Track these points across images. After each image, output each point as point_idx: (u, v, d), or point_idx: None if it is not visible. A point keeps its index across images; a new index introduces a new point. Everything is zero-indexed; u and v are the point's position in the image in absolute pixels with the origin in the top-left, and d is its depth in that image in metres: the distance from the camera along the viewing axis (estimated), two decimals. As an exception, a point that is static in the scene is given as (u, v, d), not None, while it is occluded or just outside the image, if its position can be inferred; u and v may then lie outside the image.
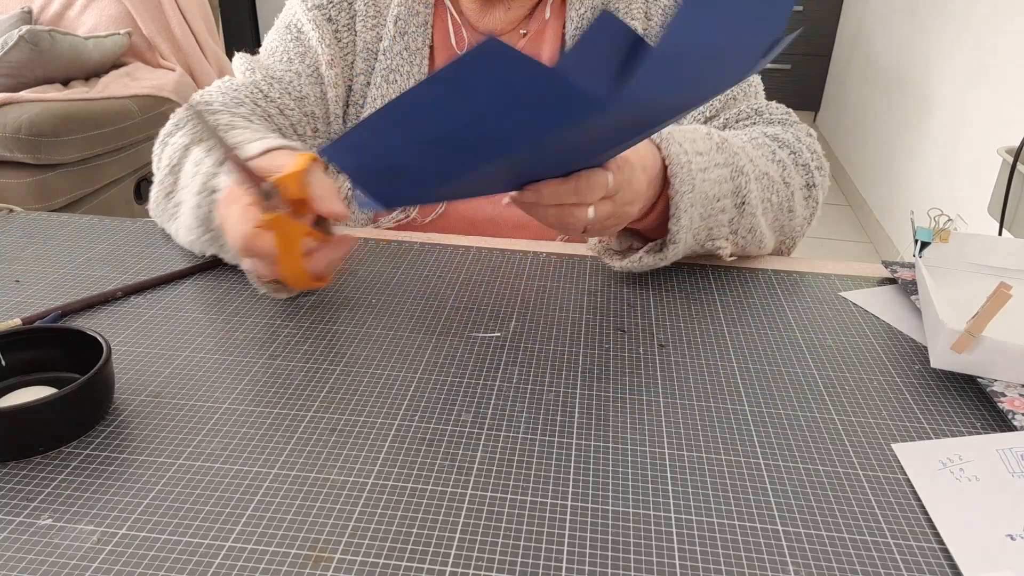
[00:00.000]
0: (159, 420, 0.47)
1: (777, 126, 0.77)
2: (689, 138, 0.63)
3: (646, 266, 0.64)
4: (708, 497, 0.42)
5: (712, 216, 0.63)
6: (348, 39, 0.80)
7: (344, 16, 0.80)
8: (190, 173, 0.64)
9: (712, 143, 0.64)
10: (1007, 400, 0.50)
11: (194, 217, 0.61)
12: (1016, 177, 1.17)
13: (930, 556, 0.39)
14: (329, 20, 0.79)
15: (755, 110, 0.78)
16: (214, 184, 0.60)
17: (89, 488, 0.42)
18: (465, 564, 0.37)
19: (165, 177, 0.68)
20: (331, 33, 0.79)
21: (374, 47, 0.80)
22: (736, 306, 0.63)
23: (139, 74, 2.21)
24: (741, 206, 0.64)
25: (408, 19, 0.79)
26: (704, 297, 0.64)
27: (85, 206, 1.95)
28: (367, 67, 0.81)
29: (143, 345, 0.55)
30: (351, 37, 0.80)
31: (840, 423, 0.49)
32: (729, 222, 0.65)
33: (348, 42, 0.80)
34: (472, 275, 0.67)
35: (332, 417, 0.48)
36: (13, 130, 1.75)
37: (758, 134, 0.73)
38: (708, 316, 0.61)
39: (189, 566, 0.37)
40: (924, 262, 0.66)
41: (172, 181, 0.67)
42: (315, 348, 0.55)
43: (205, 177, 0.61)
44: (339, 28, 0.80)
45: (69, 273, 0.65)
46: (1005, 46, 1.85)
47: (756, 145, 0.70)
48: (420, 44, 0.80)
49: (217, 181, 0.59)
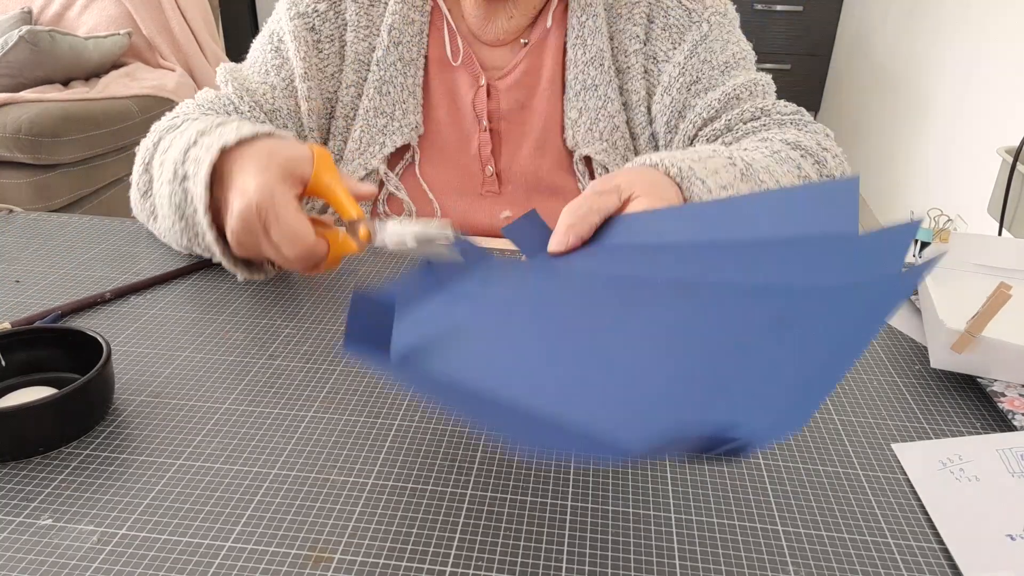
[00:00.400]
0: (159, 420, 0.47)
1: (791, 128, 0.74)
2: (711, 169, 0.60)
3: None
4: (708, 497, 0.42)
5: None
6: (331, 49, 0.78)
7: (329, 27, 0.78)
8: (158, 163, 0.64)
9: (736, 172, 0.61)
10: (1007, 400, 0.50)
11: (168, 206, 0.60)
12: (1016, 177, 1.17)
13: (930, 556, 0.39)
14: (311, 29, 0.77)
15: (762, 110, 0.76)
16: (184, 171, 0.59)
17: (89, 488, 0.42)
18: (465, 564, 0.37)
19: (140, 177, 0.67)
20: (311, 44, 0.77)
21: (366, 58, 0.78)
22: (736, 306, 0.63)
23: (139, 74, 2.21)
24: None
25: (403, 28, 0.77)
26: (704, 297, 0.64)
27: (85, 206, 1.95)
28: (358, 78, 0.79)
29: (143, 345, 0.55)
30: (335, 47, 0.78)
31: (840, 423, 0.49)
32: None
33: (330, 53, 0.78)
34: (472, 275, 0.67)
35: (332, 417, 0.48)
36: (13, 130, 1.75)
37: (780, 146, 0.69)
38: (708, 316, 0.61)
39: (189, 566, 0.37)
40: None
41: (147, 179, 0.66)
42: (315, 348, 0.55)
43: (174, 164, 0.60)
44: (321, 39, 0.77)
45: (69, 273, 0.65)
46: (1005, 46, 1.85)
47: (779, 160, 0.67)
48: (415, 54, 0.78)
49: (187, 167, 0.58)
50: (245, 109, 0.75)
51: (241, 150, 0.58)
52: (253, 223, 0.54)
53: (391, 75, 0.77)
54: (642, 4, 0.78)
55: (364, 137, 0.78)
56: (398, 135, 0.78)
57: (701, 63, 0.77)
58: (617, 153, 0.79)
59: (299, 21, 0.77)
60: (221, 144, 0.57)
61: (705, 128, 0.77)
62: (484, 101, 0.79)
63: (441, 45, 0.79)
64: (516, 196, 0.81)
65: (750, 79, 0.77)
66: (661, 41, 0.78)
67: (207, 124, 0.62)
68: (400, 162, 0.80)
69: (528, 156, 0.80)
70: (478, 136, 0.80)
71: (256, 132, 0.59)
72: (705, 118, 0.77)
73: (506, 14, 0.78)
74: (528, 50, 0.79)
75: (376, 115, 0.78)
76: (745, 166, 0.62)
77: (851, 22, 3.35)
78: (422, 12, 0.78)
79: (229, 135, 0.58)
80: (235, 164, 0.58)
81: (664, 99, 0.78)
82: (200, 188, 0.57)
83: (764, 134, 0.74)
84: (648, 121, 0.80)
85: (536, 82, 0.79)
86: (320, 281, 0.65)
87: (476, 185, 0.81)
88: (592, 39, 0.77)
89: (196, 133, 0.61)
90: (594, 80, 0.77)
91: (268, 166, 0.56)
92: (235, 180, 0.57)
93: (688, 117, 0.77)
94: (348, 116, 0.80)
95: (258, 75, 0.78)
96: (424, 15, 0.79)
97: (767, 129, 0.75)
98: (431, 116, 0.80)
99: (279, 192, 0.54)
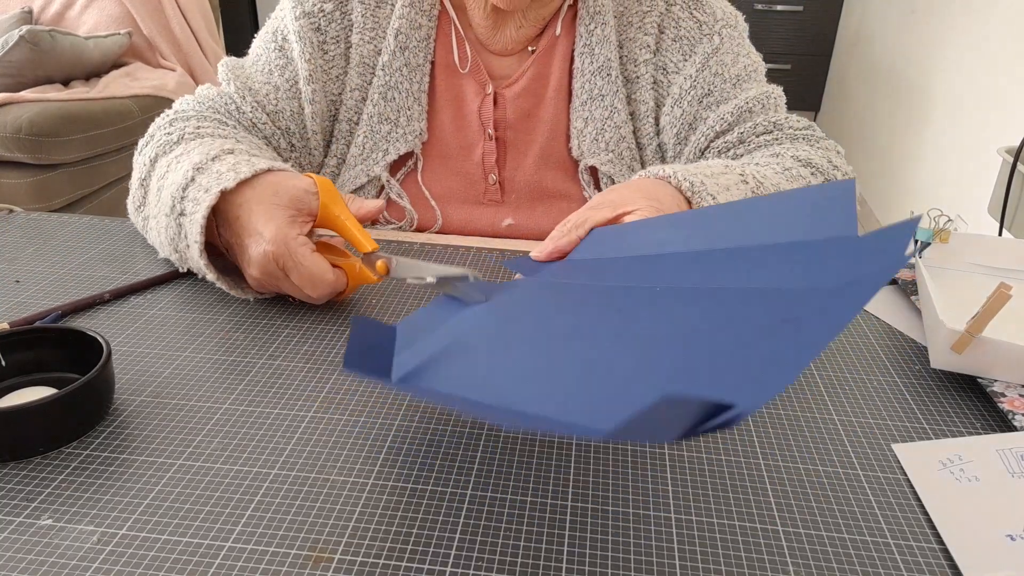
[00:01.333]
0: (159, 420, 0.47)
1: (803, 143, 0.73)
2: (722, 185, 0.60)
3: None
4: (708, 497, 0.42)
5: None
6: (336, 51, 0.77)
7: (335, 27, 0.76)
8: (155, 189, 0.64)
9: (747, 189, 0.61)
10: (1007, 400, 0.50)
11: (166, 237, 0.61)
12: (1016, 177, 1.17)
13: (930, 556, 0.39)
14: (317, 30, 0.76)
15: (774, 123, 0.75)
16: (181, 208, 0.59)
17: (89, 488, 0.42)
18: (465, 564, 0.37)
19: (136, 191, 0.67)
20: (316, 45, 0.76)
21: (371, 61, 0.77)
22: (736, 306, 0.63)
23: (139, 74, 2.21)
24: None
25: (410, 33, 0.76)
26: (704, 297, 0.64)
27: (85, 206, 1.95)
28: (363, 82, 0.77)
29: (143, 345, 0.55)
30: (341, 49, 0.77)
31: (840, 423, 0.49)
32: None
33: (336, 55, 0.77)
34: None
35: (332, 417, 0.48)
36: (13, 130, 1.75)
37: (791, 163, 0.69)
38: (708, 316, 0.61)
39: (189, 566, 0.37)
40: (924, 262, 0.66)
41: (142, 195, 0.66)
42: (315, 348, 0.55)
43: (171, 200, 0.60)
44: (327, 40, 0.76)
45: (69, 273, 0.65)
46: (1005, 46, 1.85)
47: (789, 178, 0.67)
48: (422, 60, 0.77)
49: (184, 205, 0.59)
50: (247, 109, 0.74)
51: (243, 192, 0.58)
52: (272, 270, 0.57)
53: (397, 80, 0.76)
54: (653, 13, 0.76)
55: (367, 143, 0.78)
56: (402, 142, 0.77)
57: (713, 76, 0.76)
58: (623, 164, 0.78)
59: (304, 21, 0.75)
60: (220, 188, 0.57)
61: (717, 140, 0.76)
62: (491, 109, 0.78)
63: (448, 51, 0.78)
64: (519, 205, 0.80)
65: (762, 92, 0.76)
66: (672, 52, 0.77)
67: (202, 157, 0.61)
68: (402, 168, 0.79)
69: (533, 165, 0.79)
70: (483, 144, 0.79)
71: (255, 171, 0.59)
72: (717, 131, 0.76)
73: (515, 24, 0.77)
74: (535, 57, 0.78)
75: (380, 121, 0.77)
76: (756, 184, 0.62)
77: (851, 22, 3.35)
78: (430, 17, 0.77)
79: (228, 178, 0.57)
80: (241, 209, 0.58)
81: (674, 111, 0.77)
82: (195, 230, 0.57)
83: (776, 148, 0.73)
84: (656, 132, 0.79)
85: (543, 90, 0.78)
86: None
87: (478, 193, 0.80)
88: (600, 48, 0.76)
89: (192, 168, 0.60)
90: (601, 90, 0.76)
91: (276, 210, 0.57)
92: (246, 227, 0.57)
93: (700, 130, 0.76)
94: (352, 120, 0.79)
95: (261, 74, 0.77)
96: (432, 20, 0.77)
97: (779, 143, 0.74)
98: (435, 122, 0.79)
99: (291, 238, 0.56)
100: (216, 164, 0.60)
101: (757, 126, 0.75)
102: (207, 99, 0.75)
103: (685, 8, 0.77)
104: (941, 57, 2.28)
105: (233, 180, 0.57)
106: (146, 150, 0.68)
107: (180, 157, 0.63)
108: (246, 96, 0.75)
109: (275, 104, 0.76)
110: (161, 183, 0.63)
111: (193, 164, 0.60)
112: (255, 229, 0.56)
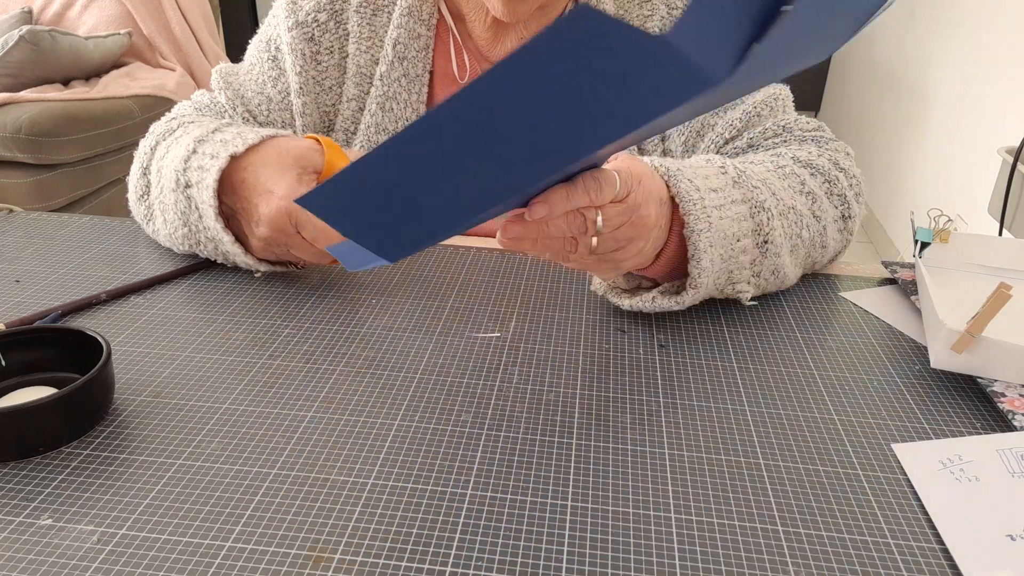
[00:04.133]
0: (159, 420, 0.47)
1: (810, 145, 0.72)
2: (701, 174, 0.58)
3: (659, 307, 0.59)
4: (708, 497, 0.42)
5: (733, 258, 0.57)
6: (331, 62, 0.75)
7: (329, 37, 0.75)
8: (156, 170, 0.65)
9: (727, 178, 0.59)
10: (1007, 400, 0.50)
11: (175, 213, 0.62)
12: (1016, 177, 1.17)
13: (930, 556, 0.39)
14: (310, 40, 0.74)
15: (783, 126, 0.73)
16: (187, 179, 0.60)
17: (89, 488, 0.42)
18: (465, 564, 0.37)
19: (138, 180, 0.68)
20: (309, 57, 0.74)
21: (369, 71, 0.75)
22: (736, 307, 0.63)
23: (139, 74, 2.21)
24: (764, 245, 0.59)
25: (408, 43, 0.74)
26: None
27: (85, 206, 1.95)
28: (360, 92, 0.76)
29: (143, 345, 0.55)
30: (336, 59, 0.76)
31: (840, 423, 0.49)
32: (751, 263, 0.59)
33: (330, 65, 0.75)
34: (472, 275, 0.67)
35: (332, 417, 0.48)
36: (13, 130, 1.75)
37: (787, 162, 0.67)
38: (708, 316, 0.61)
39: (189, 566, 0.37)
40: (924, 262, 0.66)
41: (144, 183, 0.67)
42: (315, 348, 0.55)
43: (175, 173, 0.61)
44: (320, 50, 0.75)
45: (69, 273, 0.65)
46: (1005, 46, 1.85)
47: (782, 176, 0.65)
48: (420, 70, 0.75)
49: (189, 176, 0.60)
50: (239, 119, 0.75)
51: (249, 157, 0.60)
52: (284, 226, 0.58)
53: (395, 91, 0.75)
54: (655, 18, 0.75)
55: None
56: None
57: None
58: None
59: (297, 32, 0.74)
60: (229, 153, 0.59)
61: (726, 146, 0.75)
62: None
63: (446, 60, 0.77)
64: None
65: (769, 93, 0.74)
66: None
67: (203, 131, 0.63)
68: None
69: None
70: None
71: (262, 137, 0.61)
72: (727, 137, 0.74)
73: (516, 35, 0.75)
74: None
75: (377, 131, 0.76)
76: (737, 174, 0.60)
77: (851, 22, 3.34)
78: (428, 27, 0.75)
79: (237, 143, 0.59)
80: (247, 172, 0.59)
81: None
82: (208, 195, 0.59)
83: (779, 149, 0.71)
84: (660, 139, 0.78)
85: None
86: (320, 281, 0.65)
87: None
88: None
89: (194, 141, 0.62)
90: None
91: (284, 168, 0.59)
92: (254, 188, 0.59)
93: (708, 137, 0.75)
94: (349, 130, 0.78)
95: (255, 84, 0.77)
96: (430, 29, 0.76)
97: (786, 145, 0.73)
98: None
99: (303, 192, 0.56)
100: (219, 135, 0.62)
101: (767, 130, 0.73)
102: (202, 105, 0.76)
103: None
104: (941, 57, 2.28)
105: (242, 145, 0.59)
106: (145, 142, 0.69)
107: (180, 137, 0.65)
108: (237, 106, 0.75)
109: (267, 116, 0.76)
110: (162, 163, 0.64)
111: (194, 138, 0.62)
112: (265, 187, 0.58)
